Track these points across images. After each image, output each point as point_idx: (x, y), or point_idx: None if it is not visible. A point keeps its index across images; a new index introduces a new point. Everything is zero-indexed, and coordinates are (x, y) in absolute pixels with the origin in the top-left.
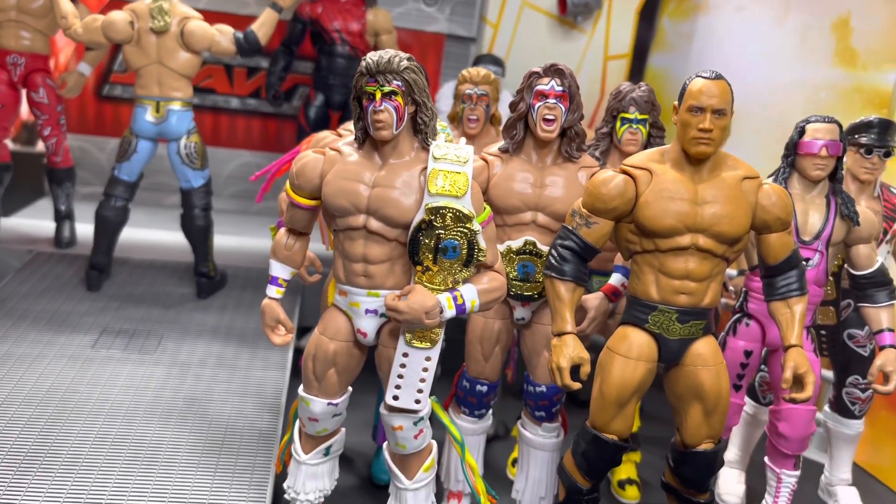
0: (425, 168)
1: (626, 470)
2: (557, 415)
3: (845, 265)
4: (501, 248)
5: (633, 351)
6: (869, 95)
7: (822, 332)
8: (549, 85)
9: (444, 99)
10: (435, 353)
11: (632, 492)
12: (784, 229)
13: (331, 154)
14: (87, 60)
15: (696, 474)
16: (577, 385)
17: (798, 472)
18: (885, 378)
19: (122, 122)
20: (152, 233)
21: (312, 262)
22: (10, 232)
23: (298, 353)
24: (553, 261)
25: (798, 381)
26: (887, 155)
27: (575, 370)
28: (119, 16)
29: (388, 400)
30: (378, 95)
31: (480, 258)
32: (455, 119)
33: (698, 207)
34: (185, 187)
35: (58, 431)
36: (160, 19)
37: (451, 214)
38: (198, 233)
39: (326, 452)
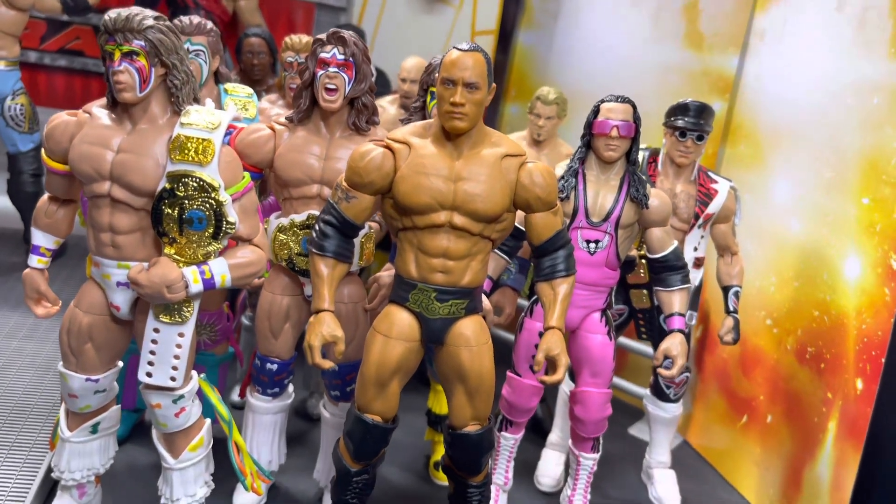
0: None
1: (441, 451)
2: (353, 394)
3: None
4: (285, 221)
5: (392, 330)
6: (714, 79)
7: (640, 315)
8: (330, 53)
9: None
10: (188, 328)
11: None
12: (547, 209)
13: (82, 116)
14: None
15: (464, 456)
16: (328, 364)
17: (596, 455)
18: (671, 362)
19: None
20: None
21: None
22: None
23: None
24: (315, 235)
25: (551, 364)
26: (700, 139)
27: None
28: None
29: (142, 376)
30: (117, 55)
31: (230, 231)
32: (281, 88)
33: (454, 184)
34: (12, 151)
35: None
36: None
37: (193, 183)
38: (26, 199)
39: (94, 430)
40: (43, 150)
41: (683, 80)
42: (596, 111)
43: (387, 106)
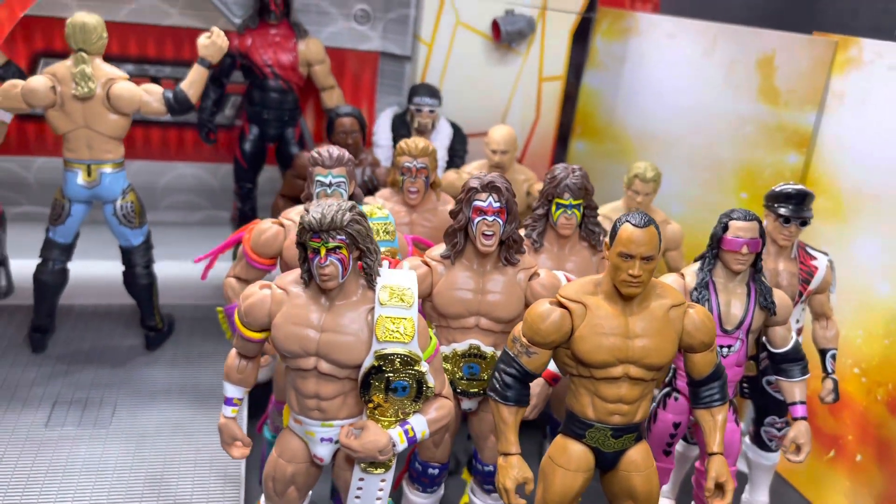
0: (372, 308)
1: None
2: None
3: (763, 338)
4: (447, 350)
5: (571, 463)
6: (790, 134)
7: (745, 378)
8: (486, 202)
9: (382, 132)
10: (389, 475)
11: None
12: (707, 349)
13: (277, 293)
14: (4, 107)
15: None
16: (522, 502)
17: None
18: (798, 449)
19: (45, 140)
20: (95, 265)
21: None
22: None
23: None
24: (497, 384)
25: (719, 488)
26: (803, 224)
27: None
28: (39, 82)
29: None
30: (323, 252)
31: (429, 394)
32: (395, 185)
33: (629, 341)
34: (125, 246)
35: None
36: (83, 85)
37: (399, 360)
38: (142, 290)
39: None
40: (238, 317)
41: (758, 131)
42: (725, 227)
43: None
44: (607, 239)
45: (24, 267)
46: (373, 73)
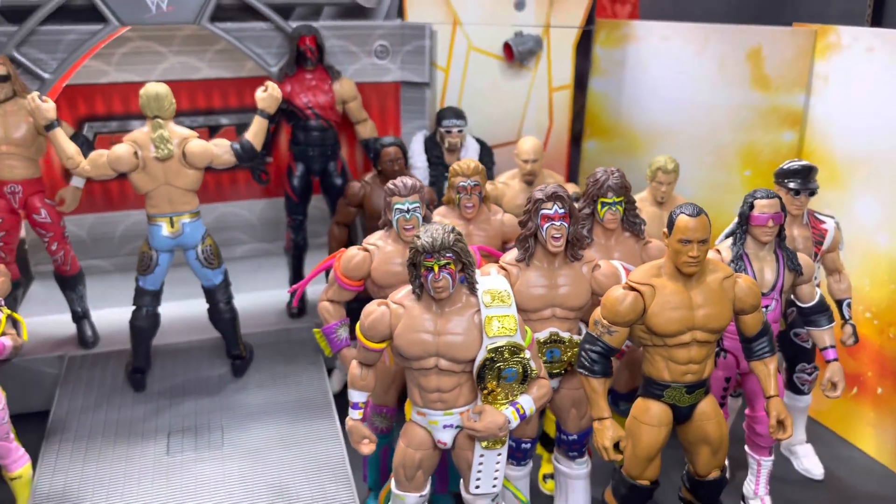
0: (477, 311)
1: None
2: (586, 450)
3: (791, 296)
4: None
5: (654, 420)
6: (783, 115)
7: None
8: (552, 209)
9: (417, 155)
10: (504, 450)
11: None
12: (755, 311)
13: (394, 308)
14: (94, 175)
15: (709, 494)
16: (620, 456)
17: (772, 458)
18: (834, 386)
19: (95, 200)
20: (174, 306)
21: None
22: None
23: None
24: (585, 362)
25: (780, 424)
26: (811, 194)
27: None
28: (123, 149)
29: (471, 489)
30: (436, 268)
31: (533, 377)
32: (452, 203)
33: (693, 311)
34: (208, 286)
35: None
36: (163, 148)
37: (507, 350)
38: (226, 325)
39: None
40: (360, 332)
41: (754, 115)
42: (751, 206)
43: (510, 182)
44: (665, 229)
45: (99, 317)
46: (396, 102)
